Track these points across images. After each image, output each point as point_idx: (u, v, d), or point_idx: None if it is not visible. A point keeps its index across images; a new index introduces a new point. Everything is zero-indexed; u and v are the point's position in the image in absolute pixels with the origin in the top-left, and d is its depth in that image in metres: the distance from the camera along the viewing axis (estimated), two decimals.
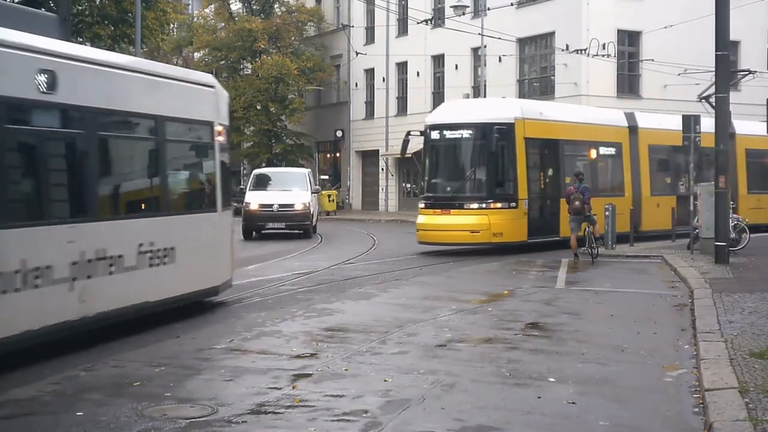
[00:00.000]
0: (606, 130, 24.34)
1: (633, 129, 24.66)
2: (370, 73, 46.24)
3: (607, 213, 21.75)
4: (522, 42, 36.32)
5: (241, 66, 50.04)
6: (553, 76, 35.11)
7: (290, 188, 27.69)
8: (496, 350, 9.53)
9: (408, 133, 22.75)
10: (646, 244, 22.86)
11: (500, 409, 7.21)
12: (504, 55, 35.51)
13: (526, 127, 21.45)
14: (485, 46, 33.19)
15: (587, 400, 7.47)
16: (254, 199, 27.18)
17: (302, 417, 6.93)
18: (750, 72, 24.65)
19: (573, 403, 7.35)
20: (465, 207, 21.02)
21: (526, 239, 21.21)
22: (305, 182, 28.21)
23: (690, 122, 21.71)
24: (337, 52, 47.97)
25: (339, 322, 11.78)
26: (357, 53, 40.24)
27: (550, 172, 22.82)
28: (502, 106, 22.48)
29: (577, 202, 19.26)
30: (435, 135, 21.93)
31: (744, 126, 27.59)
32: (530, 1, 35.92)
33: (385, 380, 8.08)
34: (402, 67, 44.20)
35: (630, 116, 25.00)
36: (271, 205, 26.86)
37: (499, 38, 32.80)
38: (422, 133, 22.38)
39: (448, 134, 21.75)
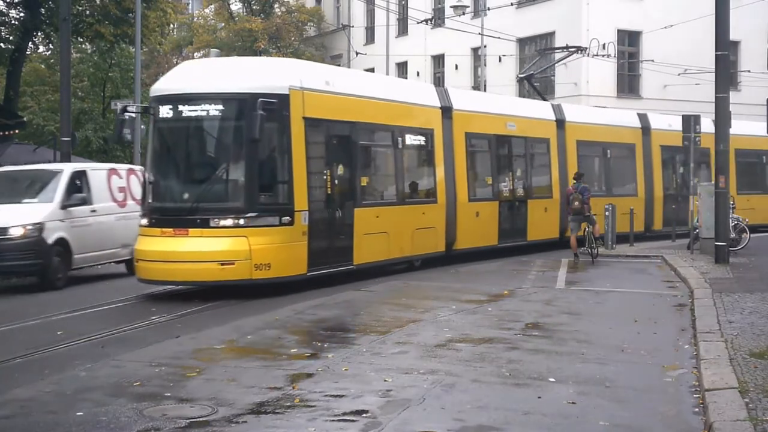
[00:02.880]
0: (419, 113, 18.15)
1: (446, 111, 18.72)
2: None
3: (607, 213, 21.78)
4: (522, 42, 36.31)
5: None
6: (553, 76, 35.10)
7: (25, 200, 16.39)
8: (496, 350, 9.53)
9: (123, 109, 16.12)
10: (645, 244, 22.88)
11: (500, 409, 7.21)
12: (504, 55, 35.51)
13: (307, 102, 14.44)
14: (485, 46, 33.18)
15: (587, 400, 7.47)
16: None
17: (302, 417, 6.93)
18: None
19: (573, 403, 7.35)
20: (211, 225, 13.63)
21: (305, 271, 14.33)
22: (58, 188, 16.10)
23: (690, 122, 21.73)
24: (337, 52, 47.96)
25: (339, 322, 11.79)
26: (357, 53, 40.17)
27: (345, 170, 15.82)
28: (270, 70, 15.24)
29: (576, 203, 19.27)
30: (165, 112, 14.26)
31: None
32: (530, 1, 35.91)
33: (385, 380, 8.08)
34: (402, 67, 44.19)
35: (443, 93, 19.19)
36: None
37: (499, 38, 32.80)
38: (146, 110, 15.39)
39: (186, 111, 14.16)
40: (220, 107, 14.14)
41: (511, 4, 34.15)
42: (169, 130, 14.68)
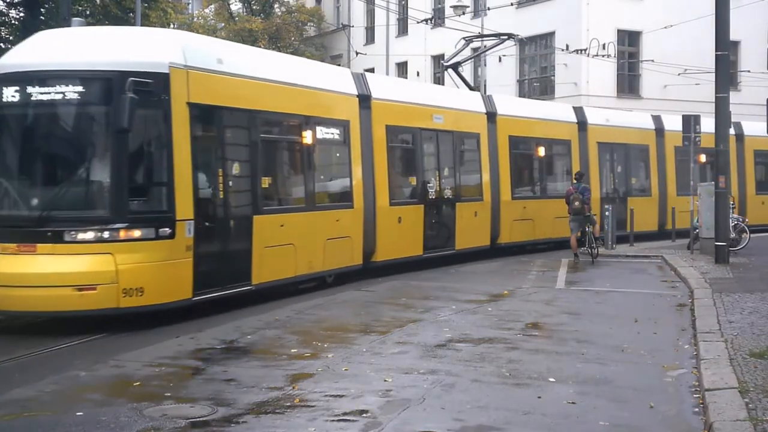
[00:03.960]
0: (332, 101, 15.35)
1: (364, 100, 16.06)
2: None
3: (607, 213, 21.79)
4: (522, 42, 36.31)
5: None
6: (553, 76, 35.09)
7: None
8: (496, 350, 9.53)
9: None
10: (645, 244, 22.87)
11: (500, 409, 7.21)
12: (504, 55, 35.48)
13: (193, 84, 11.71)
14: (485, 46, 33.15)
15: (587, 400, 7.47)
16: None
17: (302, 417, 6.93)
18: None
19: (573, 403, 7.35)
20: (66, 239, 10.78)
21: (190, 296, 11.54)
22: None
23: (690, 122, 21.72)
24: (337, 52, 47.95)
25: (339, 322, 11.79)
26: (357, 53, 40.15)
27: (241, 169, 12.92)
28: (145, 42, 12.02)
29: (576, 203, 19.27)
30: (9, 95, 11.18)
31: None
32: (530, 1, 35.90)
33: (385, 380, 8.08)
34: (402, 67, 44.17)
35: (360, 80, 16.33)
36: None
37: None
38: None
39: (36, 93, 11.14)
40: (79, 88, 11.04)
41: (511, 4, 34.13)
42: (13, 118, 11.42)
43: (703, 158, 24.98)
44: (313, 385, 7.92)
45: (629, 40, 35.08)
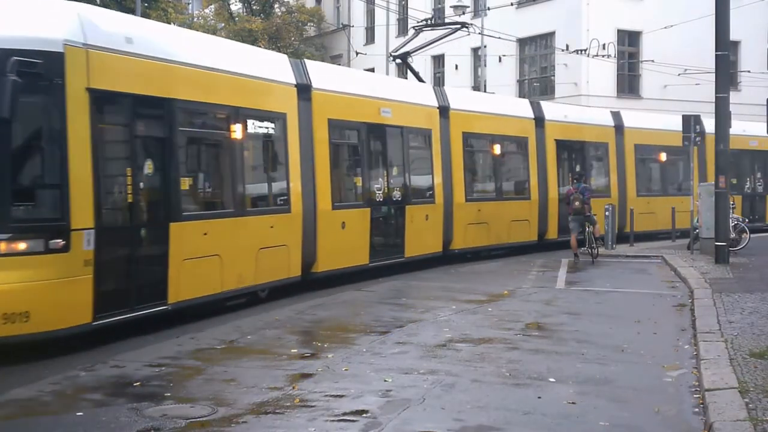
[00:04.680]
0: (267, 91, 13.54)
1: (304, 90, 14.34)
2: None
3: (607, 213, 21.78)
4: (522, 42, 36.30)
5: None
6: (553, 76, 35.10)
7: None
8: (496, 350, 9.53)
9: None
10: (645, 244, 22.87)
11: (500, 409, 7.21)
12: (504, 55, 35.51)
13: (95, 66, 9.96)
14: (485, 46, 33.17)
15: (587, 400, 7.47)
16: None
17: (302, 417, 6.93)
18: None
19: (573, 403, 7.35)
20: None
21: (89, 320, 9.75)
22: None
23: (690, 122, 21.72)
24: (337, 52, 47.95)
25: (339, 322, 11.79)
26: (357, 53, 40.18)
27: (155, 168, 11.01)
28: (36, 13, 9.87)
29: (577, 203, 19.28)
30: None
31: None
32: (530, 1, 35.91)
33: (385, 380, 8.08)
34: (402, 67, 44.17)
35: (298, 67, 14.60)
36: None
37: (499, 38, 32.79)
38: None
39: None
40: None
41: (511, 4, 34.13)
42: None
43: (663, 157, 24.88)
44: (313, 385, 7.92)
45: (629, 40, 35.08)
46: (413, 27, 23.13)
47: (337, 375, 8.31)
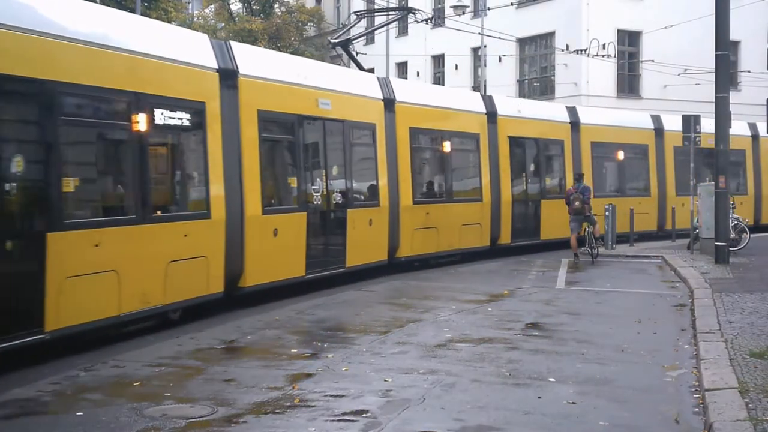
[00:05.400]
0: (178, 75, 11.51)
1: (228, 76, 12.54)
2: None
3: (607, 213, 21.78)
4: (522, 42, 36.31)
5: None
6: (553, 76, 35.10)
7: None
8: (496, 350, 9.53)
9: None
10: (645, 244, 22.87)
11: (500, 409, 7.21)
12: (504, 55, 35.51)
13: None
14: (485, 46, 33.17)
15: (587, 400, 7.47)
16: None
17: (302, 417, 6.93)
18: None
19: (573, 403, 7.35)
20: None
21: None
22: None
23: (690, 122, 21.73)
24: (337, 51, 47.99)
25: (339, 322, 11.79)
26: (357, 53, 40.36)
27: (26, 164, 9.02)
28: None
29: (577, 203, 19.28)
30: None
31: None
32: (530, 1, 35.91)
33: (385, 380, 8.08)
34: (402, 67, 44.19)
35: (222, 50, 12.66)
36: None
37: (499, 38, 32.79)
38: None
39: None
40: None
41: (511, 4, 34.13)
42: None
43: (621, 155, 23.71)
44: (313, 385, 7.92)
45: (629, 40, 35.08)
46: (354, 13, 22.06)
47: (337, 375, 8.31)
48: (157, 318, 10.92)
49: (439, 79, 41.62)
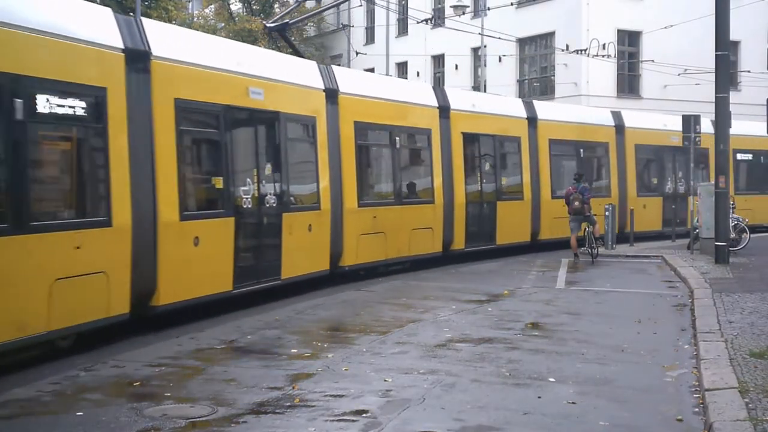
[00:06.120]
0: (76, 56, 9.79)
1: (137, 58, 10.81)
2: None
3: (607, 213, 21.77)
4: (522, 42, 36.32)
5: None
6: (553, 76, 35.11)
7: None
8: (496, 350, 9.53)
9: None
10: (645, 244, 22.87)
11: (500, 409, 7.21)
12: (504, 55, 35.52)
13: None
14: (485, 46, 33.17)
15: (587, 400, 7.47)
16: None
17: (302, 417, 6.93)
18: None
19: (573, 403, 7.35)
20: None
21: None
22: None
23: (690, 122, 21.74)
24: (337, 52, 47.98)
25: (339, 322, 11.79)
26: (357, 53, 40.20)
27: None
28: None
29: (576, 203, 19.28)
30: None
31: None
32: (530, 1, 35.92)
33: (385, 380, 8.08)
34: (402, 67, 44.20)
35: (130, 27, 11.01)
36: None
37: (499, 38, 32.79)
38: None
39: None
40: None
41: (511, 4, 34.13)
42: None
43: (581, 153, 22.60)
44: (313, 385, 7.92)
45: (629, 40, 35.08)
46: None
47: (337, 375, 8.31)
48: (41, 347, 9.22)
49: (439, 80, 41.64)
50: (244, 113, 12.88)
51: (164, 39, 11.37)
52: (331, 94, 15.11)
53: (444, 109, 18.52)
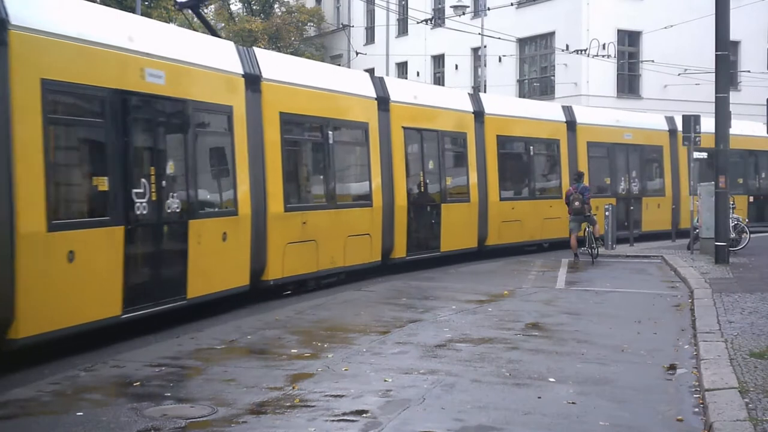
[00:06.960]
0: None
1: None
2: (370, 73, 46.22)
3: (607, 213, 21.76)
4: (522, 42, 36.34)
5: None
6: (553, 76, 35.13)
7: None
8: (496, 350, 9.53)
9: None
10: (645, 244, 22.87)
11: (500, 409, 7.21)
12: (504, 55, 35.55)
13: None
14: (485, 46, 33.18)
15: (587, 400, 7.47)
16: None
17: (302, 417, 6.93)
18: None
19: (573, 403, 7.35)
20: None
21: None
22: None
23: (690, 122, 21.72)
24: (337, 52, 47.98)
25: (339, 322, 11.79)
26: (357, 53, 40.24)
27: None
28: None
29: (577, 203, 19.28)
30: None
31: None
32: (530, 1, 35.93)
33: (385, 380, 8.08)
34: (402, 67, 44.21)
35: None
36: None
37: (499, 38, 32.81)
38: None
39: None
40: None
41: (511, 4, 34.15)
42: None
43: (532, 151, 21.29)
44: (313, 385, 7.91)
45: (629, 40, 35.11)
46: None
47: (337, 375, 8.31)
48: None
49: (439, 80, 41.66)
50: (138, 99, 10.60)
51: (30, 5, 9.18)
52: (253, 81, 13.04)
53: (383, 101, 16.59)
